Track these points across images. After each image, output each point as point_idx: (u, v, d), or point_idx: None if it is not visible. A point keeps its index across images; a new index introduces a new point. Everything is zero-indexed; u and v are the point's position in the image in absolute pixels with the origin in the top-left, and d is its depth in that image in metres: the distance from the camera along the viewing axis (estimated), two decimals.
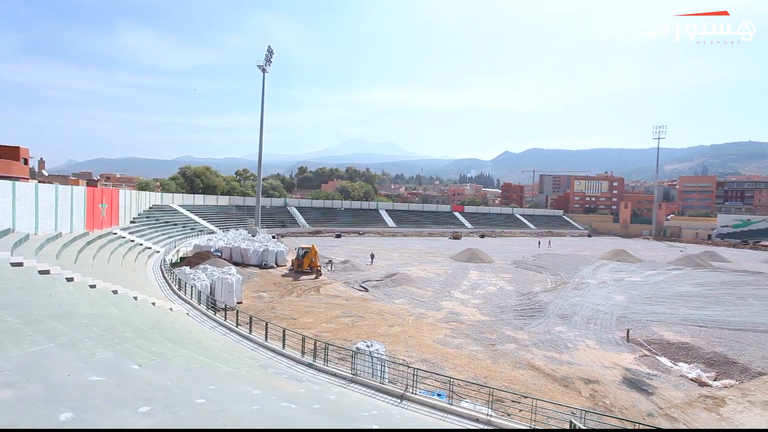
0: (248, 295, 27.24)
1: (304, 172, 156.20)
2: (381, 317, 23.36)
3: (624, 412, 13.56)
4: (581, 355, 18.60)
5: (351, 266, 39.07)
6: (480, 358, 17.81)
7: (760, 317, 26.19)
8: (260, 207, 64.16)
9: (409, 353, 17.75)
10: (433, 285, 33.09)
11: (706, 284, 37.32)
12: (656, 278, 39.95)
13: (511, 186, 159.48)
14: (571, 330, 22.29)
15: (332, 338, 19.13)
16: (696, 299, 30.85)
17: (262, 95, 60.20)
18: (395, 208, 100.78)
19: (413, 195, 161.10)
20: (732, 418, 13.49)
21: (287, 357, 14.20)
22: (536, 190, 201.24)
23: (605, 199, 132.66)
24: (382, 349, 14.09)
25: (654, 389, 15.44)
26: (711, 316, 26.01)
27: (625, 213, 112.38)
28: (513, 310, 26.32)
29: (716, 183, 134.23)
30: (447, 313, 24.85)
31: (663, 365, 17.83)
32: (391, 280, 32.93)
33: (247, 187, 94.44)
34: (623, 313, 25.78)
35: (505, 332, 21.51)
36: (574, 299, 29.37)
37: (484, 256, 48.02)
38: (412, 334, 20.62)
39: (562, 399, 14.14)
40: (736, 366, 17.90)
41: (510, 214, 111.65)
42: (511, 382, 15.44)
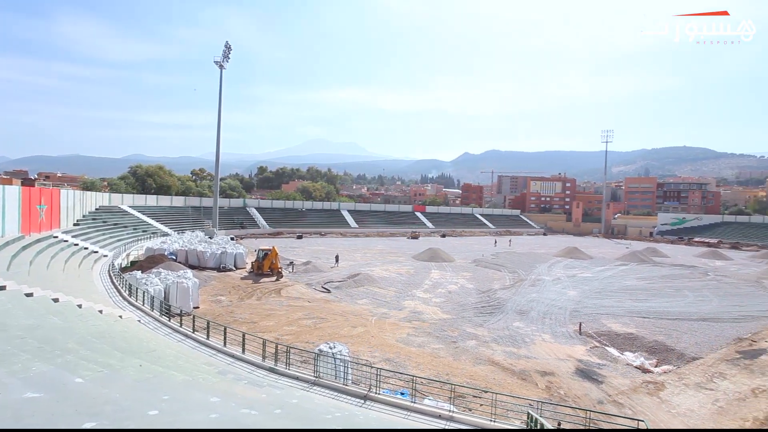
0: (206, 300, 26.21)
1: (264, 172, 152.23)
2: (344, 318, 23.22)
3: (577, 401, 14.25)
4: (538, 349, 19.37)
5: (313, 267, 38.57)
6: (442, 355, 18.11)
7: (693, 307, 28.45)
8: (218, 208, 61.96)
9: (372, 353, 17.76)
10: (396, 285, 33.31)
11: (649, 278, 40.02)
12: (605, 274, 42.36)
13: (471, 186, 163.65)
14: (528, 325, 23.16)
15: (294, 341, 18.79)
16: (640, 292, 33.00)
17: (219, 92, 58.19)
18: (357, 208, 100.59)
19: (375, 195, 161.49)
20: (670, 401, 14.52)
21: (247, 362, 13.79)
22: (495, 191, 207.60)
23: (559, 200, 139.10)
24: (345, 351, 14.00)
25: (604, 378, 16.35)
26: (653, 307, 27.92)
27: (577, 212, 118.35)
28: (473, 307, 26.98)
29: (656, 184, 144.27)
30: (409, 313, 25.09)
31: (611, 355, 18.92)
32: (353, 280, 32.82)
33: (204, 188, 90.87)
34: (576, 308, 27.12)
35: (466, 329, 22.00)
36: (531, 295, 30.54)
37: (445, 256, 48.91)
38: (375, 334, 20.64)
39: (521, 392, 14.66)
40: (674, 352, 19.34)
41: (470, 213, 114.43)
42: (473, 377, 15.81)
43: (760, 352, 19.63)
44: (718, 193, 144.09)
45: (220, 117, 58.73)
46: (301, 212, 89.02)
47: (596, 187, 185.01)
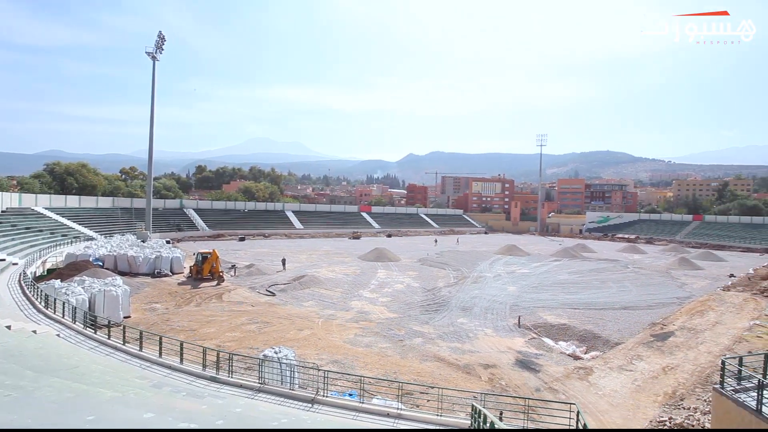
0: (138, 308, 24.36)
1: (203, 172, 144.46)
2: (289, 321, 22.67)
3: (517, 390, 15.03)
4: (481, 343, 20.17)
5: (257, 270, 37.27)
6: (389, 354, 18.27)
7: (616, 297, 31.17)
8: (151, 209, 57.87)
9: (319, 356, 17.50)
10: (342, 285, 33.12)
11: (579, 272, 43.24)
12: (541, 269, 45.12)
13: (416, 187, 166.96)
14: (471, 321, 24.04)
15: (237, 347, 18.02)
16: (571, 286, 35.55)
17: (152, 85, 54.42)
18: (302, 209, 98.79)
19: (321, 196, 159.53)
20: (597, 383, 15.78)
21: (186, 372, 13.00)
22: (439, 191, 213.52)
23: (499, 200, 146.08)
24: (291, 355, 13.66)
25: (540, 367, 17.39)
26: (582, 299, 30.19)
27: (516, 212, 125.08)
28: (419, 305, 27.52)
29: (585, 185, 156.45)
30: (356, 313, 25.05)
31: (547, 345, 20.18)
32: (299, 282, 32.17)
33: (136, 188, 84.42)
34: (515, 302, 28.61)
35: (412, 327, 22.38)
36: (473, 292, 31.75)
37: (391, 255, 49.46)
38: (321, 336, 20.37)
39: (465, 385, 15.18)
40: (600, 339, 21.05)
41: (415, 213, 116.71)
42: (420, 374, 16.11)
43: (669, 334, 21.95)
44: (636, 193, 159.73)
45: (153, 112, 54.93)
46: (244, 213, 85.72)
47: (532, 187, 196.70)
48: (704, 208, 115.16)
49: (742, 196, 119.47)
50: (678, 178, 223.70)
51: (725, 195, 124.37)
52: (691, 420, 12.73)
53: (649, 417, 13.19)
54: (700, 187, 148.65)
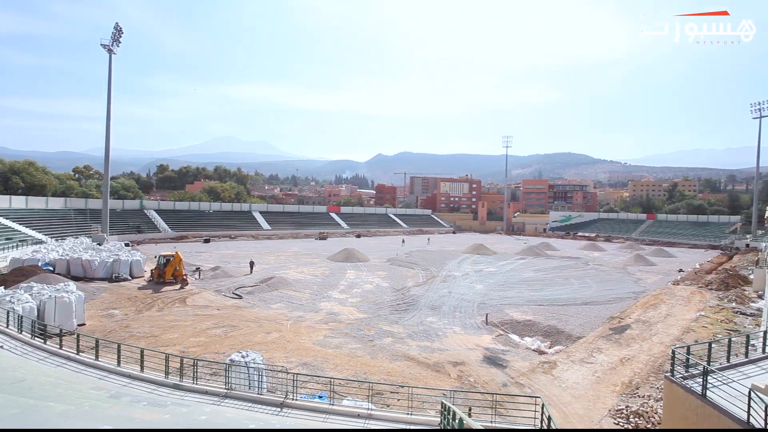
0: (94, 315, 23.10)
1: (164, 171, 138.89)
2: (257, 324, 22.17)
3: (485, 386, 15.35)
4: (450, 341, 20.46)
5: (222, 273, 36.23)
6: (359, 355, 18.22)
7: (578, 293, 32.47)
8: (108, 210, 55.03)
9: (288, 359, 17.21)
10: (311, 287, 32.75)
11: (543, 270, 44.72)
12: (507, 267, 46.34)
13: (385, 187, 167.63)
14: (440, 319, 24.35)
15: (202, 353, 17.44)
16: (536, 283, 36.71)
17: (108, 80, 51.73)
18: (270, 209, 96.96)
19: (289, 196, 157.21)
20: (561, 377, 16.36)
21: (147, 381, 12.43)
22: (408, 191, 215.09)
23: (466, 200, 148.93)
24: (258, 358, 13.36)
25: (507, 362, 17.85)
26: (546, 296, 31.24)
27: (483, 211, 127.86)
28: (389, 305, 27.61)
29: (548, 186, 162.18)
30: (326, 314, 24.83)
31: (513, 341, 20.74)
32: (266, 284, 31.52)
33: (91, 187, 79.95)
34: (483, 300, 29.22)
35: (382, 327, 22.41)
36: (442, 291, 32.18)
37: (360, 256, 49.37)
38: (290, 338, 20.04)
39: (435, 383, 15.35)
40: (563, 334, 21.85)
41: (384, 214, 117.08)
42: (390, 374, 16.15)
43: (626, 327, 23.08)
44: (595, 193, 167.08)
45: (109, 107, 52.27)
46: (209, 214, 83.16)
47: (499, 188, 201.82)
48: (657, 207, 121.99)
49: (689, 196, 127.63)
50: (633, 179, 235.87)
51: (675, 195, 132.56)
52: (645, 407, 13.43)
53: (608, 406, 13.81)
54: (652, 188, 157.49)
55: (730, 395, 9.74)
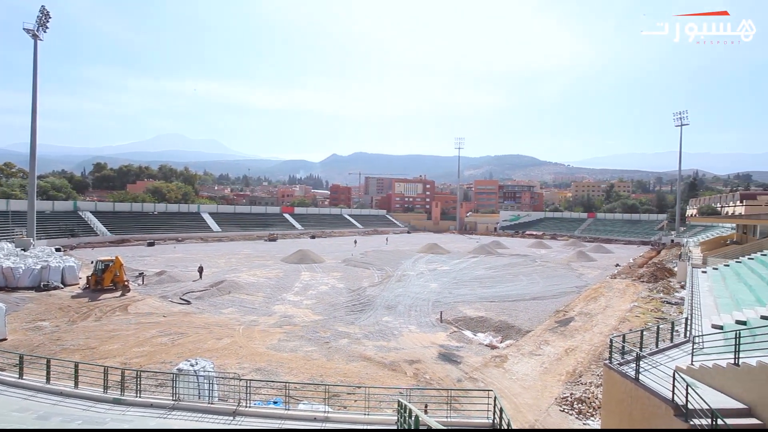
0: (18, 328, 21.02)
1: (102, 170, 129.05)
2: (207, 331, 21.21)
3: (440, 383, 15.67)
4: (405, 340, 20.69)
5: (169, 277, 34.33)
6: (315, 357, 17.96)
7: (527, 289, 34.03)
8: (35, 212, 50.30)
9: (241, 365, 16.62)
10: (264, 290, 31.86)
11: (494, 267, 46.42)
12: (460, 266, 47.63)
13: (340, 187, 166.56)
14: (396, 319, 24.57)
15: (147, 363, 16.42)
16: (487, 280, 38.03)
17: (34, 68, 47.29)
18: (220, 210, 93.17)
19: (240, 197, 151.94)
20: (511, 369, 17.06)
21: (82, 398, 11.48)
22: (362, 192, 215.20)
23: (420, 200, 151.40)
24: (209, 366, 12.78)
25: (461, 358, 18.33)
26: (497, 292, 32.46)
27: (436, 211, 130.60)
28: (344, 306, 27.46)
29: (498, 186, 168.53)
30: (280, 317, 24.26)
31: (467, 338, 21.34)
32: (217, 288, 30.27)
33: (13, 187, 72.68)
34: (437, 298, 29.83)
35: (338, 329, 22.24)
36: (397, 290, 32.48)
37: (315, 257, 48.74)
38: (243, 343, 19.37)
39: (391, 382, 15.45)
40: (514, 328, 22.81)
41: (339, 214, 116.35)
42: (346, 375, 16.06)
43: (570, 319, 24.52)
44: (542, 194, 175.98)
45: (35, 99, 47.78)
46: (153, 216, 78.48)
47: (451, 188, 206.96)
48: (596, 206, 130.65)
49: (624, 196, 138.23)
50: (575, 180, 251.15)
51: (612, 195, 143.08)
52: (587, 393, 14.32)
53: (555, 394, 14.58)
54: (592, 189, 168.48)
55: (658, 377, 10.61)
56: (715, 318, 16.36)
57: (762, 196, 66.28)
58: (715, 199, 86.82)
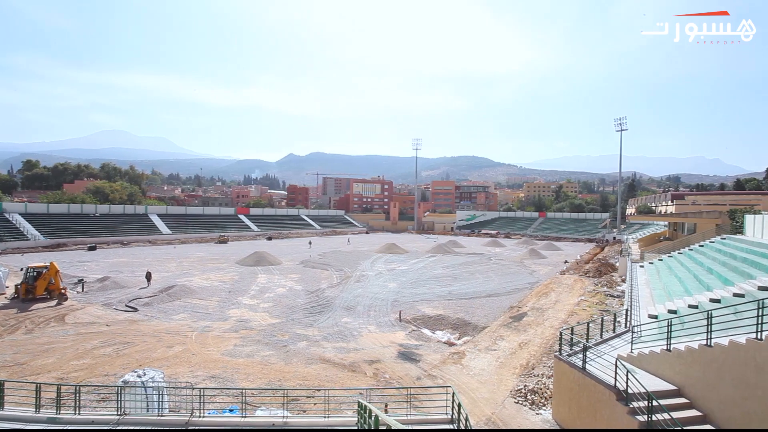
0: None
1: (34, 168, 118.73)
2: (156, 339, 20.09)
3: (400, 381, 15.78)
4: (365, 341, 20.67)
5: (113, 284, 32.19)
6: (273, 361, 17.52)
7: (482, 286, 35.09)
8: None
9: (194, 373, 15.88)
10: (219, 294, 30.69)
11: (451, 266, 47.47)
12: (418, 265, 48.29)
13: (297, 188, 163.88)
14: (355, 319, 24.49)
15: (88, 377, 15.28)
16: (445, 279, 38.82)
17: None
18: (170, 212, 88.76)
19: (192, 197, 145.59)
20: (469, 365, 17.52)
21: (9, 419, 10.47)
22: (320, 192, 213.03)
23: (379, 200, 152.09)
24: (158, 376, 12.11)
25: (420, 357, 18.58)
26: (455, 290, 33.22)
27: (395, 212, 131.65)
28: (303, 308, 27.01)
29: (455, 187, 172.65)
30: (235, 322, 23.45)
31: (426, 336, 21.66)
32: (167, 294, 28.77)
33: None
34: (396, 298, 30.06)
35: (296, 331, 21.84)
36: (356, 291, 32.41)
37: (272, 259, 47.63)
38: (196, 350, 18.53)
39: (351, 383, 15.37)
40: (470, 325, 23.43)
41: (296, 215, 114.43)
42: (305, 379, 15.79)
43: (523, 315, 25.57)
44: (496, 194, 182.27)
45: None
46: (94, 218, 73.35)
47: (409, 188, 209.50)
48: (546, 206, 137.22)
49: (571, 196, 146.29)
50: (527, 181, 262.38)
51: (560, 196, 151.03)
52: (539, 384, 14.98)
53: (510, 387, 15.13)
54: (543, 189, 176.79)
55: (602, 366, 11.32)
56: (650, 308, 17.68)
57: (689, 197, 72.57)
58: (650, 199, 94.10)
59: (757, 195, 65.29)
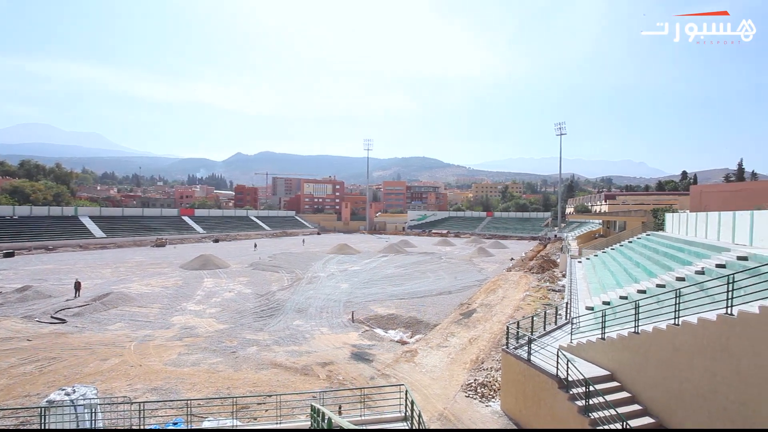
0: None
1: None
2: (88, 352, 18.53)
3: (353, 382, 15.73)
4: (317, 343, 20.39)
5: (35, 294, 29.26)
6: (221, 369, 16.79)
7: (433, 285, 35.88)
8: None
9: (133, 387, 14.82)
10: (161, 300, 28.92)
11: (403, 265, 48.09)
12: (371, 265, 48.43)
13: (245, 188, 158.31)
14: (307, 321, 24.09)
15: (3, 400, 13.77)
16: (397, 278, 39.26)
17: None
18: (104, 214, 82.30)
19: (130, 198, 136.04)
20: (421, 363, 17.83)
21: None
22: (270, 192, 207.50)
23: (330, 200, 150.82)
24: (90, 392, 11.16)
25: (373, 356, 18.63)
26: (407, 289, 33.68)
27: (346, 212, 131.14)
28: (252, 312, 26.16)
29: (406, 187, 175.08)
30: (179, 329, 22.22)
31: (378, 335, 21.77)
32: (101, 303, 26.65)
33: None
34: (348, 299, 29.94)
35: (245, 336, 21.09)
36: (308, 293, 31.90)
37: (219, 262, 45.70)
38: (135, 362, 17.32)
39: (304, 387, 15.09)
40: (422, 323, 23.87)
41: (245, 216, 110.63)
42: (256, 385, 15.28)
43: (473, 311, 26.46)
44: (446, 194, 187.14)
45: None
46: (11, 221, 66.33)
47: (361, 189, 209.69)
48: (494, 206, 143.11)
49: (516, 196, 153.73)
50: (476, 182, 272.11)
51: (506, 196, 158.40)
52: (489, 378, 15.56)
53: (461, 382, 15.58)
54: (490, 190, 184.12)
55: (546, 356, 11.99)
56: (587, 301, 18.98)
57: (619, 197, 78.78)
58: (586, 199, 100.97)
59: (675, 195, 72.32)
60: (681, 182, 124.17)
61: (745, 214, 16.06)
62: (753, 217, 15.33)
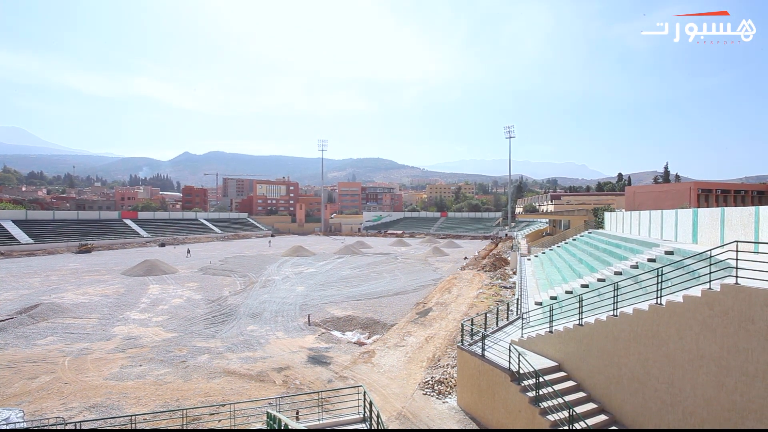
0: None
1: None
2: (13, 371, 16.85)
3: (311, 386, 15.48)
4: (273, 348, 19.87)
5: None
6: (169, 380, 15.90)
7: (390, 285, 36.15)
8: None
9: (67, 406, 13.67)
10: (100, 310, 26.92)
11: (359, 266, 48.03)
12: (326, 267, 47.93)
13: (194, 189, 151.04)
14: (262, 326, 23.41)
15: None
16: (354, 279, 39.14)
17: None
18: (31, 217, 75.32)
19: (62, 200, 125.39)
20: (379, 363, 17.90)
21: None
22: (221, 194, 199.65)
23: (284, 202, 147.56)
24: (16, 416, 10.18)
25: (331, 359, 18.45)
26: (363, 290, 33.67)
27: (301, 214, 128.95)
28: (203, 319, 25.03)
29: (361, 188, 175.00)
30: (122, 340, 20.80)
31: (336, 338, 21.59)
32: (28, 315, 24.36)
33: None
34: (304, 301, 29.44)
35: (196, 344, 20.14)
36: (262, 297, 31.02)
37: (165, 267, 43.32)
38: (70, 378, 15.98)
39: (260, 393, 14.64)
40: (379, 324, 23.97)
41: (194, 219, 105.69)
42: (208, 395, 14.63)
43: (429, 310, 26.94)
44: (401, 195, 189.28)
45: None
46: None
47: (316, 190, 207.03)
48: (447, 206, 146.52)
49: (469, 197, 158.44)
50: (430, 183, 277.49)
51: (460, 196, 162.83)
52: (445, 375, 15.92)
53: (418, 380, 15.81)
54: (444, 191, 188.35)
55: (499, 351, 12.46)
56: (536, 296, 19.94)
57: (564, 197, 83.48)
58: (534, 199, 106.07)
59: (612, 195, 77.82)
60: (618, 183, 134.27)
61: (671, 213, 17.64)
62: (677, 216, 16.87)
